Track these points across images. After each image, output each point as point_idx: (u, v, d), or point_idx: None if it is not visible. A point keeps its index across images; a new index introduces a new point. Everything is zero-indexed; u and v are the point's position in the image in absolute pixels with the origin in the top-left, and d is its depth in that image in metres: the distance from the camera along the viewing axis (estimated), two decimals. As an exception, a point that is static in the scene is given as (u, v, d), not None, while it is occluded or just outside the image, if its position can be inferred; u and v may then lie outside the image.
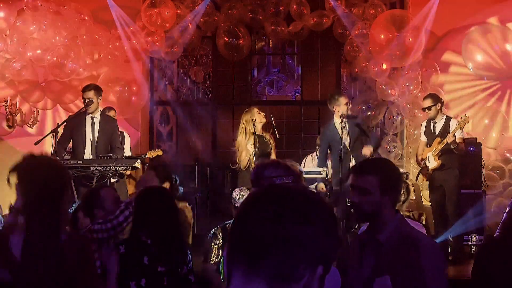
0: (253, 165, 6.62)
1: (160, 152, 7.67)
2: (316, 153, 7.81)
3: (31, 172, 2.47)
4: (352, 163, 6.65)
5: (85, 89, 6.61)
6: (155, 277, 3.19)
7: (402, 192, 3.93)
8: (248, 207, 1.19)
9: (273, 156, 6.82)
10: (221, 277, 4.21)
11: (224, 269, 2.52)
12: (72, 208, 5.40)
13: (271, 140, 6.96)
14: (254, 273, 1.13)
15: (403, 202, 3.95)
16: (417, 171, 7.35)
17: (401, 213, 2.66)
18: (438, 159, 6.89)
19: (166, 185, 4.33)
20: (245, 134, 6.85)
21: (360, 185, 2.50)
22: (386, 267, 2.41)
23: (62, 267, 2.42)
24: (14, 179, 2.44)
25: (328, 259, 1.19)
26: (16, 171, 2.45)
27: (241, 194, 4.75)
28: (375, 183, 2.46)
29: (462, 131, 6.88)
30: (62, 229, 2.48)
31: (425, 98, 7.09)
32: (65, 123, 6.69)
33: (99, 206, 3.81)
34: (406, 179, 6.71)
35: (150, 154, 7.55)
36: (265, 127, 7.11)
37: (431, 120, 7.07)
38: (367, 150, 6.69)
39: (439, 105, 6.98)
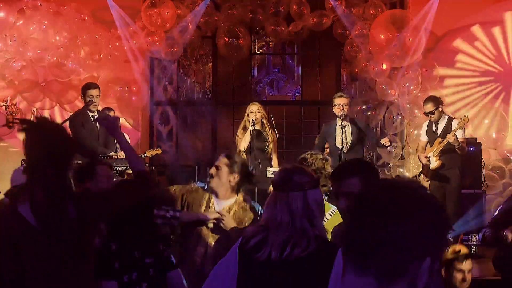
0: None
1: (159, 151, 7.66)
2: (315, 153, 7.76)
3: (40, 133, 2.46)
4: None
5: (90, 87, 6.60)
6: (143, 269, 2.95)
7: None
8: (357, 207, 1.25)
9: (273, 154, 6.70)
10: None
11: None
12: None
13: (269, 137, 6.70)
14: (363, 270, 1.20)
15: None
16: (417, 171, 7.34)
17: None
18: (439, 159, 6.88)
19: (235, 177, 3.72)
20: (242, 129, 6.76)
21: (344, 190, 2.48)
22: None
23: (71, 241, 2.44)
24: (22, 136, 2.44)
25: (436, 250, 1.21)
26: (25, 130, 2.44)
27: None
28: (357, 184, 2.44)
29: (464, 131, 6.85)
30: (67, 199, 2.46)
31: (425, 102, 6.96)
32: (66, 122, 6.67)
33: (92, 179, 3.69)
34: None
35: (149, 153, 7.54)
36: (270, 123, 6.85)
37: (432, 121, 7.05)
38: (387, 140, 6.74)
39: (440, 108, 6.94)
